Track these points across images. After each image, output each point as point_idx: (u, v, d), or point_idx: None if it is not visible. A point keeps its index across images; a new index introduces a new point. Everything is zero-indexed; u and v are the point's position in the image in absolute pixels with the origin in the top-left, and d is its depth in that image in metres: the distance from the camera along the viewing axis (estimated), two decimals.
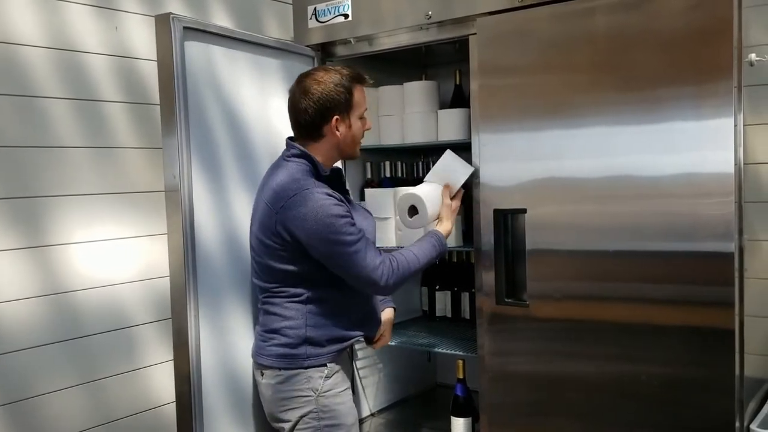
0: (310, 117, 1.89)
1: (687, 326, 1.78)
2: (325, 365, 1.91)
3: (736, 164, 1.68)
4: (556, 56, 1.89)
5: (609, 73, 1.83)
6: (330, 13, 2.36)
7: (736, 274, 1.72)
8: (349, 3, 2.31)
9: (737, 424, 1.72)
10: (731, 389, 1.73)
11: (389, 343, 2.24)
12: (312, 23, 2.40)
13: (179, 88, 1.90)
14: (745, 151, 1.72)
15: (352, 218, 1.86)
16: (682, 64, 1.73)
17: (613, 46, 1.81)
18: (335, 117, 1.89)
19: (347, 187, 2.16)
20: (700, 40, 1.70)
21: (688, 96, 1.72)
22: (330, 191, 1.85)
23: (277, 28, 2.49)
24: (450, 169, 2.13)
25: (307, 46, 2.40)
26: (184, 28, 1.93)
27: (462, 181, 2.12)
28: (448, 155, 2.15)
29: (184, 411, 1.98)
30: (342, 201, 1.86)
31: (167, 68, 1.91)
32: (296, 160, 1.90)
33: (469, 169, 2.09)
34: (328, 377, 1.91)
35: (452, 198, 2.11)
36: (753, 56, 1.76)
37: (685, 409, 1.79)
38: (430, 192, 2.09)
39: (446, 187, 2.11)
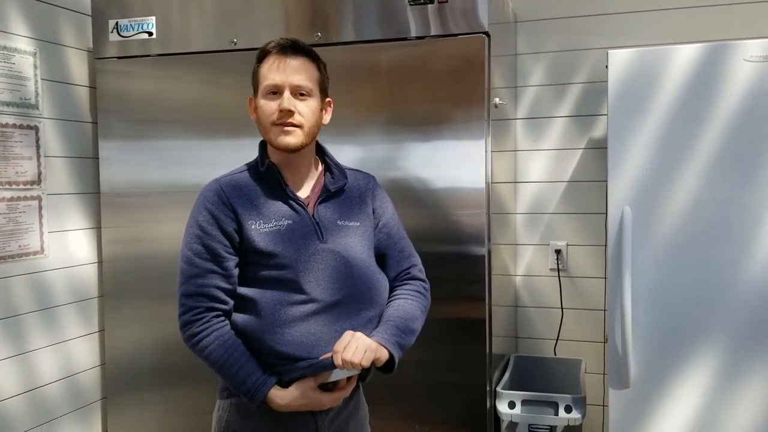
0: None
1: (448, 318, 2.12)
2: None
3: (486, 183, 2.12)
4: (348, 88, 2.20)
5: (389, 105, 2.18)
6: (133, 29, 2.44)
7: (487, 273, 2.15)
8: (154, 21, 2.41)
9: (488, 388, 2.15)
10: (483, 365, 2.15)
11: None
12: (113, 37, 2.46)
13: None
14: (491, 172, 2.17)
15: (222, 233, 1.50)
16: (448, 100, 2.12)
17: (393, 82, 2.17)
18: (249, 98, 1.61)
19: (289, 190, 1.55)
20: (461, 81, 2.11)
21: (452, 125, 2.12)
22: (234, 181, 1.55)
23: (75, 39, 2.49)
24: None
25: (106, 58, 2.45)
26: None
27: None
28: None
29: None
30: (226, 203, 1.51)
31: None
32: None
33: None
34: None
35: None
36: (497, 100, 2.22)
37: (446, 385, 2.16)
38: None
39: None
